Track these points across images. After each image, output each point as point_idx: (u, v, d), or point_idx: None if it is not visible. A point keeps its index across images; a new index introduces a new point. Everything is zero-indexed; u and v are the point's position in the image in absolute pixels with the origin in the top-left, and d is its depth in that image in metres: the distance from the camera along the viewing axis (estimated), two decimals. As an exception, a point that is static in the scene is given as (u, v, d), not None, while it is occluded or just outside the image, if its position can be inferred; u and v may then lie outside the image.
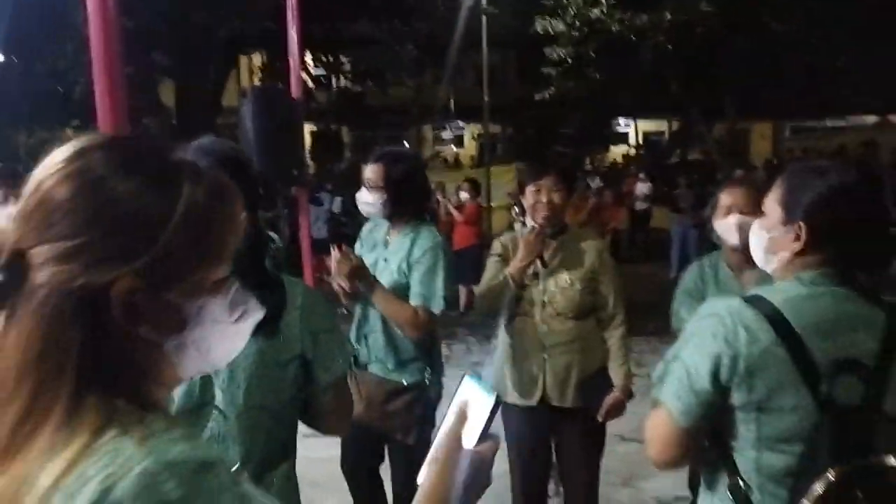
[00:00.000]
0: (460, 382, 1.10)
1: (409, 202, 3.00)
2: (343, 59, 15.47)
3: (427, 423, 2.93)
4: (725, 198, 2.84)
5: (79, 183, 0.77)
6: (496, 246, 3.23)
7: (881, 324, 1.50)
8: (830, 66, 15.74)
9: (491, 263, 3.17)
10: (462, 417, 1.04)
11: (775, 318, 1.46)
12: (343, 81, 18.91)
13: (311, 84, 15.44)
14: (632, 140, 29.90)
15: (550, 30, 14.20)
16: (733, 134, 17.81)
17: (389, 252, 3.02)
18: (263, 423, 1.67)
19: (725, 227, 2.81)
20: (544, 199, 3.03)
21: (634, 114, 27.73)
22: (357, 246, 3.20)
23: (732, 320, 1.49)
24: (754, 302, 1.51)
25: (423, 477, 1.05)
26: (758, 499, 1.50)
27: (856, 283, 1.54)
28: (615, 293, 3.11)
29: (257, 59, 17.29)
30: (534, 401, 3.07)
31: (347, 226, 11.59)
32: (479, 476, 1.03)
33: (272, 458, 1.70)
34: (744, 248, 2.75)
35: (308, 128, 21.56)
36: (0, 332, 0.76)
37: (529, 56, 17.48)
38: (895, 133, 20.10)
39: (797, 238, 1.55)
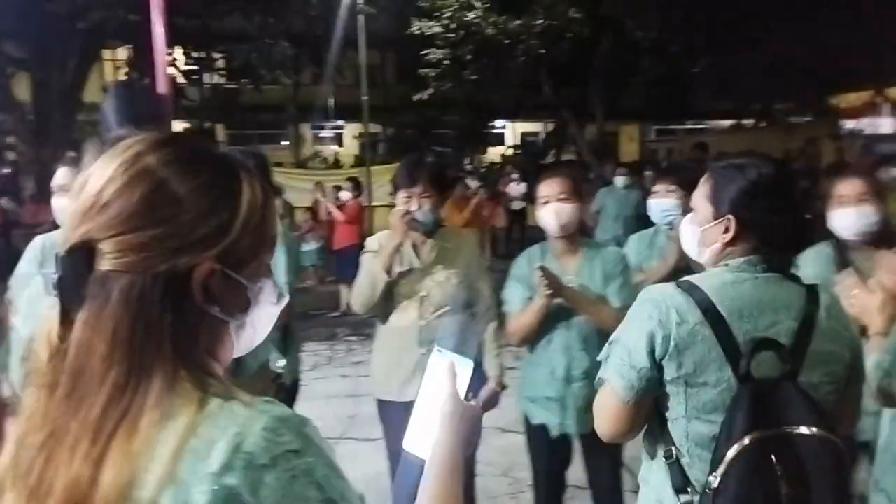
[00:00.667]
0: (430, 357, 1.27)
1: None
2: (215, 55, 14.98)
3: None
4: (543, 188, 2.99)
5: (155, 179, 0.84)
6: (371, 243, 3.26)
7: (799, 305, 1.66)
8: (689, 73, 16.78)
9: (366, 259, 3.19)
10: (453, 381, 1.21)
11: (702, 302, 1.63)
12: (216, 78, 18.32)
13: (181, 80, 14.86)
14: (509, 140, 30.63)
15: (427, 31, 14.35)
16: (603, 135, 18.62)
17: None
18: None
19: (545, 214, 2.97)
20: (414, 208, 3.08)
21: (511, 115, 28.44)
22: None
23: (665, 303, 1.65)
24: (685, 287, 1.67)
25: (408, 443, 1.21)
26: (687, 462, 1.65)
27: (778, 267, 1.71)
28: (489, 288, 3.21)
29: (122, 53, 16.47)
30: (412, 396, 3.11)
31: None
32: (477, 428, 1.21)
33: None
34: (562, 234, 2.95)
35: (179, 125, 20.76)
36: (78, 323, 0.81)
37: (408, 57, 17.59)
38: (747, 136, 21.66)
39: (727, 230, 1.70)
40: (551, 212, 2.95)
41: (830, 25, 15.02)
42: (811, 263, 2.93)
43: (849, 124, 21.96)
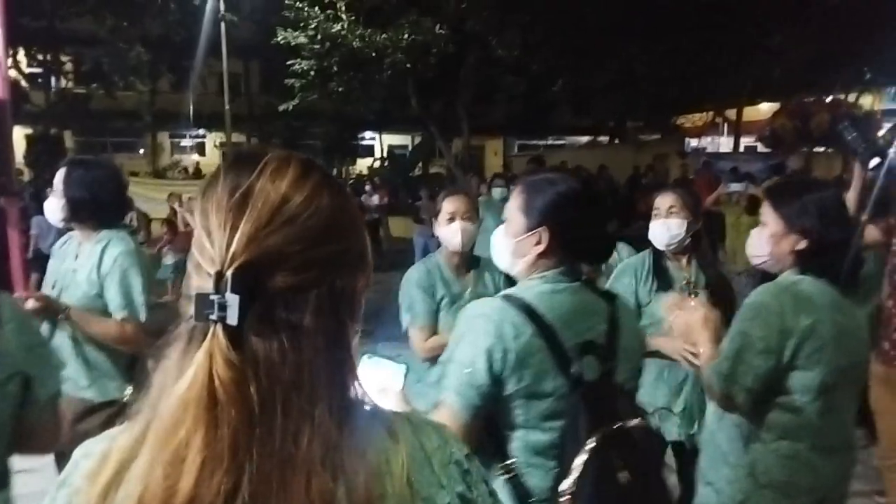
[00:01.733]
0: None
1: (97, 211, 2.84)
2: (63, 57, 14.08)
3: None
4: (448, 205, 3.07)
5: (332, 194, 0.84)
6: None
7: (604, 309, 1.76)
8: (549, 91, 17.50)
9: None
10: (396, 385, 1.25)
11: (532, 313, 1.66)
12: (64, 82, 17.22)
13: (24, 83, 13.87)
14: (377, 153, 30.73)
15: (292, 41, 14.17)
16: (469, 149, 19.04)
17: (79, 263, 2.85)
18: None
19: (449, 232, 3.04)
20: None
21: (379, 127, 28.54)
22: (50, 262, 2.99)
23: (499, 317, 1.66)
24: (512, 300, 1.69)
25: None
26: (526, 472, 1.67)
27: (581, 277, 1.80)
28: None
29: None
30: None
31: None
32: None
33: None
34: (464, 250, 3.05)
35: (22, 131, 19.34)
36: (260, 343, 0.77)
37: (273, 66, 17.28)
38: (602, 152, 22.84)
39: (539, 242, 1.75)
40: (457, 230, 3.01)
41: (678, 50, 16.16)
42: (628, 272, 3.18)
43: (693, 142, 23.64)
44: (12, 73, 9.50)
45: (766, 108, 21.25)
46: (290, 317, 0.78)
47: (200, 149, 30.71)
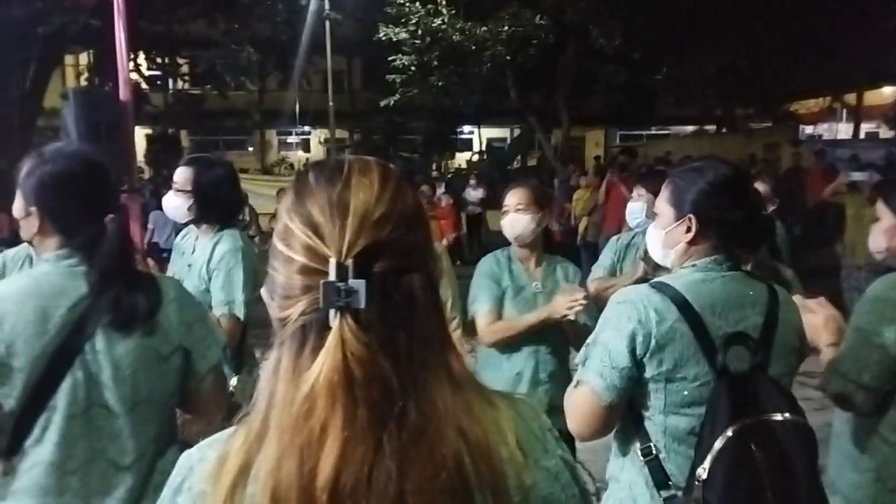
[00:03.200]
0: None
1: (214, 207, 2.98)
2: (179, 60, 14.82)
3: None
4: (509, 198, 3.08)
5: (409, 186, 0.92)
6: None
7: (763, 301, 1.76)
8: (652, 80, 17.03)
9: None
10: None
11: (678, 300, 1.70)
12: (180, 84, 18.13)
13: (144, 86, 14.69)
14: (477, 146, 30.78)
15: (393, 37, 14.39)
16: (569, 141, 18.78)
17: (194, 257, 2.99)
18: (153, 416, 1.74)
19: (504, 224, 3.08)
20: None
21: (478, 121, 28.57)
22: (173, 255, 3.18)
23: (643, 303, 1.70)
24: (660, 287, 1.74)
25: None
26: (664, 457, 1.72)
27: (741, 266, 1.80)
28: (453, 296, 3.23)
29: (84, 58, 16.24)
30: None
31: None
32: None
33: (161, 449, 1.78)
34: (518, 244, 3.06)
35: (143, 131, 20.50)
36: (379, 324, 0.83)
37: (375, 63, 17.60)
38: (709, 141, 22.04)
39: (688, 230, 1.78)
40: (508, 222, 3.04)
41: (790, 34, 15.38)
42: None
43: (808, 129, 22.44)
44: (133, 76, 10.09)
45: (889, 92, 19.96)
46: (404, 297, 0.84)
47: (306, 145, 31.70)
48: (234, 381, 2.92)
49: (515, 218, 3.01)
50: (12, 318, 1.61)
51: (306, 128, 29.60)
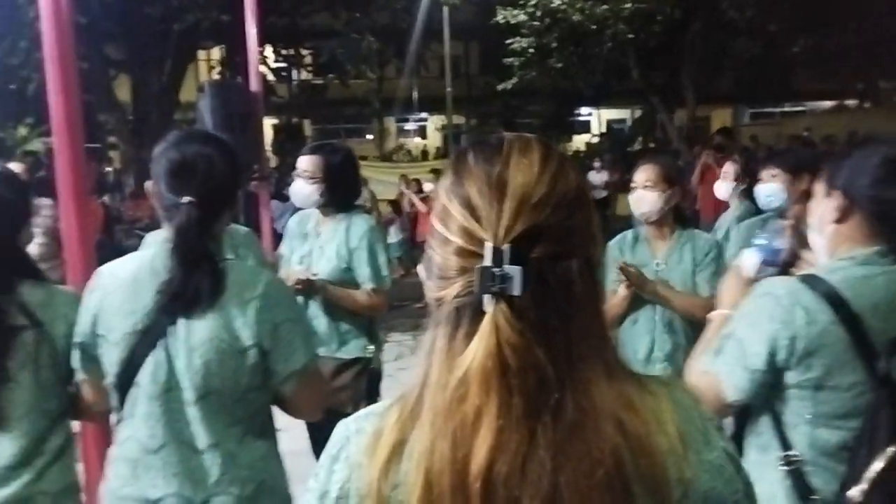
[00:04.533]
0: None
1: (343, 192, 3.13)
2: (303, 51, 15.30)
3: (373, 397, 3.08)
4: (638, 175, 3.01)
5: (570, 168, 0.87)
6: None
7: None
8: (786, 53, 16.03)
9: None
10: None
11: (833, 298, 1.49)
12: (304, 74, 18.71)
13: (271, 77, 15.25)
14: (595, 128, 30.12)
15: (511, 20, 14.23)
16: (694, 121, 18.02)
17: (323, 241, 3.12)
18: (226, 408, 1.72)
19: (633, 199, 3.02)
20: None
21: (596, 102, 27.94)
22: (285, 239, 3.34)
23: (790, 301, 1.51)
24: (811, 282, 1.52)
25: None
26: (810, 470, 1.53)
27: None
28: None
29: (216, 52, 17.04)
30: None
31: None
32: None
33: (242, 440, 1.75)
34: (646, 221, 2.99)
35: (269, 122, 21.32)
36: (534, 310, 0.80)
37: (492, 46, 17.50)
38: (850, 117, 20.56)
39: (838, 212, 1.56)
40: (635, 199, 3.00)
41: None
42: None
43: (964, 103, 20.50)
44: (261, 68, 10.49)
45: None
46: (561, 284, 0.81)
47: (422, 132, 32.02)
48: (371, 349, 3.11)
49: (642, 195, 2.96)
50: (111, 296, 1.72)
51: (423, 114, 29.89)
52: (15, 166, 5.00)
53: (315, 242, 3.14)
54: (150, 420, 1.70)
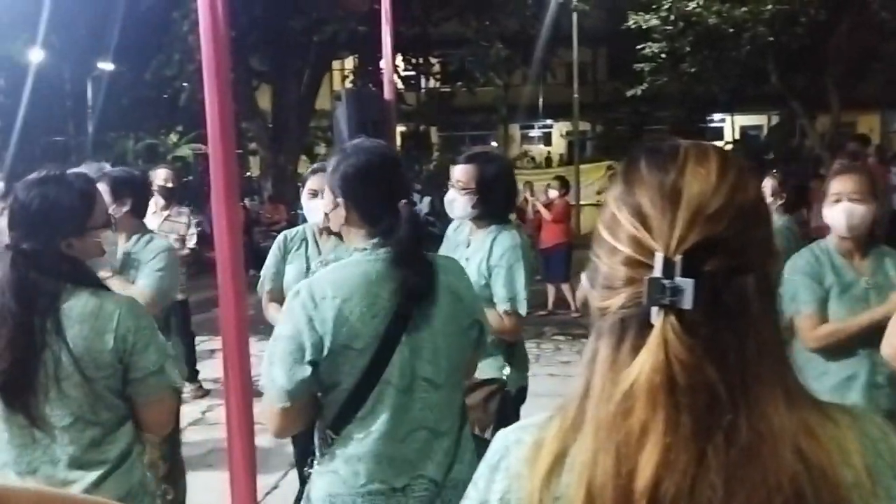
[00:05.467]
0: None
1: (496, 204, 3.02)
2: (432, 59, 15.60)
3: (505, 419, 2.91)
4: (836, 185, 2.80)
5: (750, 178, 0.84)
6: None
7: None
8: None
9: None
10: None
11: None
12: (432, 82, 19.05)
13: (400, 86, 15.65)
14: (727, 135, 28.91)
15: (643, 25, 13.90)
16: (838, 127, 16.93)
17: (470, 252, 3.03)
18: (460, 385, 1.94)
19: (834, 214, 2.78)
20: None
21: (730, 108, 26.80)
22: (443, 246, 3.24)
23: None
24: None
25: None
26: None
27: None
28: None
29: (348, 63, 17.65)
30: None
31: (436, 226, 11.69)
32: None
33: (463, 416, 1.95)
34: (850, 234, 2.75)
35: (398, 129, 21.84)
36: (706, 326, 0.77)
37: (621, 52, 17.17)
38: None
39: None
40: (842, 211, 2.75)
41: None
42: None
43: None
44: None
45: None
46: (735, 300, 0.78)
47: (547, 139, 31.82)
48: (506, 371, 2.99)
49: (852, 208, 2.72)
50: (350, 305, 1.76)
51: (548, 121, 29.70)
52: (162, 172, 5.38)
53: (463, 253, 3.04)
54: (397, 413, 1.80)
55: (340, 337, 1.74)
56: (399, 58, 14.70)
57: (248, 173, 20.65)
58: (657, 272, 0.77)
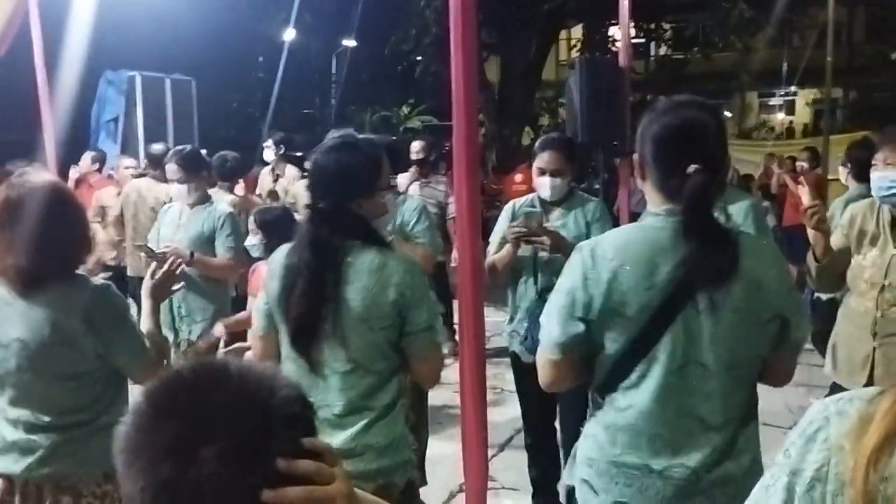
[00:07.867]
0: None
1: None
2: (665, 25, 14.88)
3: None
4: None
5: None
6: (843, 216, 3.04)
7: None
8: None
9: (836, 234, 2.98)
10: None
11: None
12: (663, 49, 18.22)
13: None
14: None
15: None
16: None
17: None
18: (745, 381, 1.75)
19: None
20: None
21: None
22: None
23: None
24: None
25: None
26: None
27: None
28: None
29: (576, 32, 17.38)
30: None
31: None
32: None
33: (746, 416, 1.76)
34: None
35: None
36: None
37: (884, 10, 15.23)
38: None
39: None
40: None
41: None
42: None
43: None
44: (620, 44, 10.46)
45: None
46: None
47: (790, 107, 29.23)
48: None
49: None
50: (627, 269, 1.68)
51: (792, 88, 27.25)
52: (416, 144, 5.85)
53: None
54: (663, 393, 1.69)
55: (611, 301, 1.68)
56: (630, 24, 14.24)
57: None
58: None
